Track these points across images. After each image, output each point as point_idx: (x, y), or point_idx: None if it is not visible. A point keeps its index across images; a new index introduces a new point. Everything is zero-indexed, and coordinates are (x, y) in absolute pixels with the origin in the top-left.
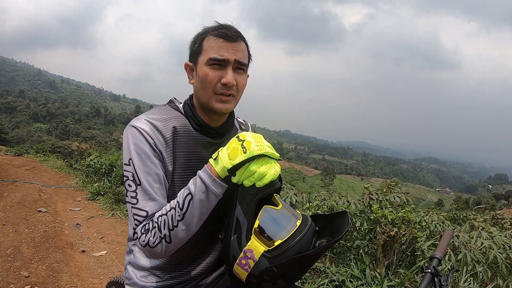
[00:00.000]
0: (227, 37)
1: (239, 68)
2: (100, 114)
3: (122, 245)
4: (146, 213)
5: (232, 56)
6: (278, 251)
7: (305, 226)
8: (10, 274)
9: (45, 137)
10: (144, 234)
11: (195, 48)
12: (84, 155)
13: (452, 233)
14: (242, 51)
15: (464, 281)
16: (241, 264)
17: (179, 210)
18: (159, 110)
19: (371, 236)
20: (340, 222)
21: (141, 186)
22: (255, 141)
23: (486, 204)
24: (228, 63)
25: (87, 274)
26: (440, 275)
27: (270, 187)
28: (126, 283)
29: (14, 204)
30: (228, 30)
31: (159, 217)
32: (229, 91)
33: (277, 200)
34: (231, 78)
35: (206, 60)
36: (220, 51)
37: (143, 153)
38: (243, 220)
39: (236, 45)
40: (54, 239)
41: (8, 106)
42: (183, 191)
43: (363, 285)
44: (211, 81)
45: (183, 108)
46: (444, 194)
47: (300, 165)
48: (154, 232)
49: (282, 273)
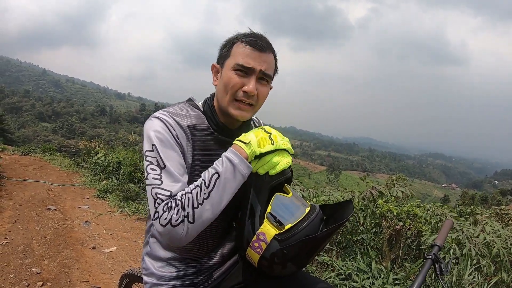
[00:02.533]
0: (256, 46)
1: (263, 79)
2: (105, 112)
3: (131, 241)
4: (170, 193)
5: (258, 66)
6: (288, 234)
7: (313, 212)
8: (22, 270)
9: (51, 137)
10: (167, 211)
11: (224, 51)
12: (91, 153)
13: (452, 222)
14: (269, 63)
15: (469, 275)
16: (254, 247)
17: (205, 188)
18: (180, 107)
19: (377, 230)
20: (345, 210)
21: (166, 169)
22: (279, 136)
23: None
24: (253, 72)
25: (98, 270)
26: (440, 261)
27: (282, 175)
28: (144, 273)
29: (23, 202)
30: (259, 39)
31: (183, 195)
32: (249, 100)
33: (287, 189)
34: (253, 87)
35: (233, 65)
36: (247, 58)
37: (167, 141)
38: (257, 206)
39: (264, 56)
40: (64, 236)
41: (14, 106)
42: (209, 171)
43: (369, 279)
44: (234, 86)
45: (203, 107)
46: (450, 190)
47: (306, 161)
48: (177, 210)
49: (291, 256)
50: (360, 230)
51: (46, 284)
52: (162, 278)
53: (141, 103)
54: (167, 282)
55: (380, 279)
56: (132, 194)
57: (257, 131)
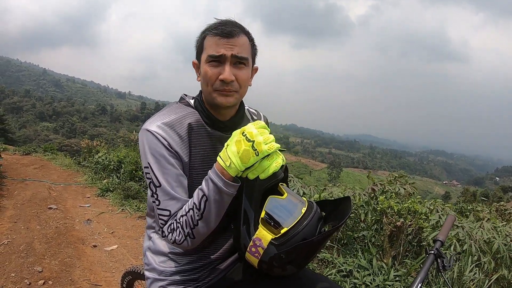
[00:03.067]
0: (223, 33)
1: (239, 63)
2: (106, 111)
3: (132, 239)
4: (169, 212)
5: (228, 52)
6: (285, 238)
7: (310, 212)
8: (24, 269)
9: (52, 136)
10: (171, 233)
11: (197, 46)
12: (92, 152)
13: (454, 218)
14: (241, 46)
15: (470, 271)
16: (252, 251)
17: (197, 211)
18: (172, 109)
19: (378, 226)
20: (344, 208)
21: (161, 188)
22: (263, 140)
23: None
24: (225, 59)
25: (99, 268)
26: (443, 256)
27: (273, 178)
28: (146, 268)
29: (24, 202)
30: (225, 26)
31: (181, 217)
32: (228, 87)
33: (282, 190)
34: (228, 74)
35: (205, 58)
36: (216, 48)
37: (160, 156)
38: (250, 211)
39: (233, 40)
40: (65, 235)
41: (15, 106)
42: (198, 192)
43: (370, 275)
44: (210, 78)
45: (194, 103)
46: (451, 187)
47: (307, 158)
48: (179, 232)
49: (290, 259)
50: (361, 227)
51: (48, 282)
52: (163, 273)
53: (142, 102)
54: (168, 277)
55: (381, 276)
56: (133, 192)
57: (238, 142)
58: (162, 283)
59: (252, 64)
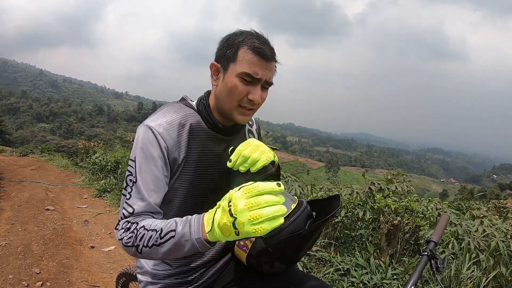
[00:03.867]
0: (264, 55)
1: (266, 87)
2: (103, 112)
3: None
4: (133, 210)
5: (264, 76)
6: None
7: (299, 208)
8: (22, 271)
9: (49, 137)
10: (123, 230)
11: (227, 53)
12: (89, 153)
13: (448, 217)
14: (272, 71)
15: (467, 269)
16: (240, 245)
17: (158, 237)
18: (173, 108)
19: (375, 225)
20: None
21: (136, 184)
22: (250, 219)
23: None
24: (259, 81)
25: (97, 269)
26: (436, 257)
27: (264, 172)
28: (138, 272)
29: (22, 203)
30: (266, 47)
31: (141, 228)
32: (252, 106)
33: None
34: (258, 96)
35: (239, 72)
36: (255, 68)
37: (149, 154)
38: None
39: (270, 65)
40: (63, 236)
41: (11, 107)
42: (171, 225)
43: (367, 274)
44: (239, 94)
45: (197, 106)
46: (448, 185)
47: (304, 157)
48: (131, 236)
49: (277, 254)
50: (358, 226)
51: (46, 284)
52: (156, 276)
53: (139, 102)
54: (161, 280)
55: (378, 274)
56: None
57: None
58: (155, 286)
59: None
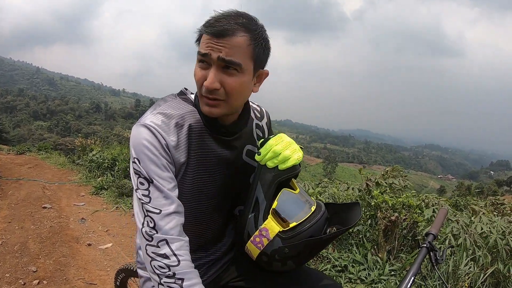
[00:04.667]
0: (212, 31)
1: (229, 68)
2: (100, 109)
3: (127, 237)
4: (160, 211)
5: (215, 54)
6: (292, 233)
7: (319, 212)
8: (18, 269)
9: (46, 135)
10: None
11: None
12: (86, 150)
13: (446, 211)
14: (232, 47)
15: (465, 265)
16: (255, 241)
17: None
18: (171, 104)
19: (372, 221)
20: (351, 212)
21: (154, 184)
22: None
23: (488, 191)
24: (211, 61)
25: (94, 267)
26: (435, 250)
27: (292, 171)
28: (139, 267)
29: (19, 201)
30: (217, 22)
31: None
32: (212, 95)
33: (295, 185)
34: (210, 81)
35: (197, 57)
36: (205, 45)
37: (152, 154)
38: (262, 200)
39: (224, 41)
40: (60, 234)
41: (8, 106)
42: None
43: (365, 270)
44: (198, 81)
45: (195, 101)
46: (446, 181)
47: None
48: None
49: (293, 255)
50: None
51: (42, 282)
52: None
53: (136, 99)
54: None
55: (376, 271)
56: (127, 190)
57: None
58: None
59: (257, 68)
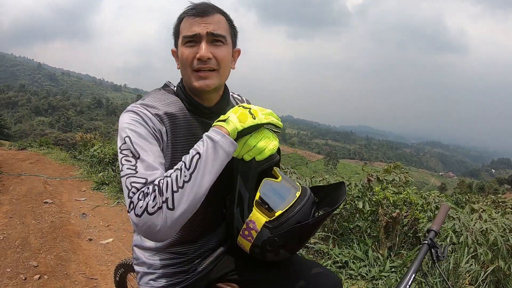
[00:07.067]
0: (197, 12)
1: (216, 41)
2: (101, 105)
3: (128, 232)
4: (145, 180)
5: (203, 30)
6: (279, 222)
7: (304, 197)
8: (20, 264)
9: (47, 130)
10: (142, 199)
11: (174, 33)
12: (87, 146)
13: (448, 208)
14: (216, 23)
15: (466, 262)
16: (244, 235)
17: (185, 170)
18: (155, 95)
19: (373, 218)
20: (338, 193)
21: (140, 158)
22: (259, 110)
23: (489, 189)
24: (201, 38)
25: (95, 262)
26: (437, 246)
27: (269, 160)
28: (134, 263)
29: (20, 197)
30: (198, 5)
31: (161, 180)
32: (206, 65)
33: (277, 173)
34: (205, 51)
35: (181, 40)
36: (191, 27)
37: (141, 132)
38: (245, 193)
39: (208, 19)
40: (61, 229)
41: (10, 101)
42: (190, 152)
43: (365, 266)
44: (187, 58)
45: (176, 90)
46: (447, 179)
47: (303, 150)
48: (154, 196)
49: (283, 243)
50: (357, 218)
51: (43, 277)
52: (152, 266)
53: (138, 95)
54: (158, 270)
55: (376, 267)
56: None
57: (235, 109)
58: (152, 276)
59: (233, 45)
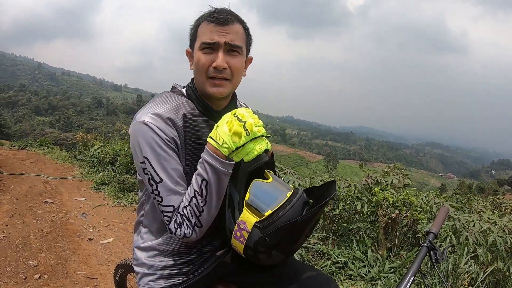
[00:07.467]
0: (217, 20)
1: (232, 51)
2: (102, 105)
3: (128, 232)
4: (173, 207)
5: (222, 39)
6: (269, 221)
7: (294, 196)
8: (20, 264)
9: (48, 130)
10: (178, 228)
11: (191, 34)
12: (87, 145)
13: (447, 210)
14: (234, 34)
15: (465, 263)
16: (237, 236)
17: (200, 198)
18: (166, 99)
19: (373, 218)
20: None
21: (162, 183)
22: (254, 122)
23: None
24: (219, 46)
25: (95, 261)
26: (436, 249)
27: (257, 161)
28: (134, 264)
29: (20, 196)
30: (220, 13)
31: (184, 208)
32: (221, 75)
33: (268, 175)
34: (221, 61)
35: (199, 45)
36: (211, 35)
37: (158, 148)
38: (234, 194)
39: (228, 28)
40: (61, 229)
41: (10, 101)
42: (197, 178)
43: (365, 267)
44: (203, 65)
45: (187, 92)
46: (447, 180)
47: (303, 150)
48: (186, 225)
49: (274, 243)
50: (356, 219)
51: (43, 276)
52: (152, 267)
53: (138, 95)
54: (157, 272)
55: (376, 268)
56: (128, 185)
57: (230, 123)
58: (152, 277)
59: (246, 53)
